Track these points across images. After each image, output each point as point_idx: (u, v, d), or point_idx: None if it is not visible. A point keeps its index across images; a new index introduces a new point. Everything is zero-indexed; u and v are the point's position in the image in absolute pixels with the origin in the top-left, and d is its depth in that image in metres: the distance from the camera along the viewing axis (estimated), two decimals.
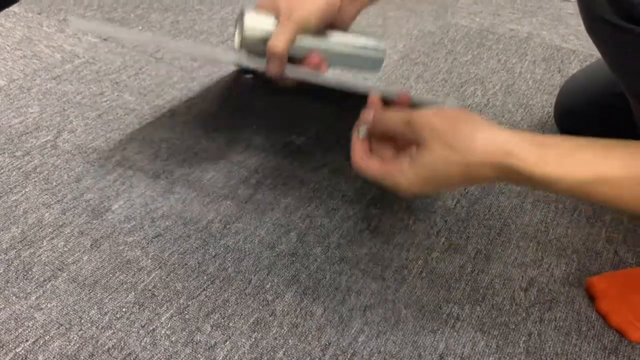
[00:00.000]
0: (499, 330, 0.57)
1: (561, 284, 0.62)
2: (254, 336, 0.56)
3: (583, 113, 0.77)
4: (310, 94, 0.77)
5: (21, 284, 0.61)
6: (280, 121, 0.84)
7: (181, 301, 0.59)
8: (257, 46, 0.58)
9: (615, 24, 0.44)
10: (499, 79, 0.99)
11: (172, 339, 0.56)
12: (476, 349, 0.55)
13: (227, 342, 0.55)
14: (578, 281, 0.63)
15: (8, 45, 1.03)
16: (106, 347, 0.55)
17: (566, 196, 0.49)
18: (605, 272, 0.63)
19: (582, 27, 1.20)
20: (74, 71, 0.97)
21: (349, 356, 0.55)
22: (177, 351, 0.55)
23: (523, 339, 0.57)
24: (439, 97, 0.87)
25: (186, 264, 0.63)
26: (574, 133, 0.80)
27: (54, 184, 0.74)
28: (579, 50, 1.08)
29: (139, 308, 0.58)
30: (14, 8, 1.17)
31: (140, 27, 1.12)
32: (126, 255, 0.64)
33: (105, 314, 0.58)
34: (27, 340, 0.55)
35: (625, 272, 0.63)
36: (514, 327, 0.58)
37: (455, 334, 0.57)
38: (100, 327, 0.57)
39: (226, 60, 0.53)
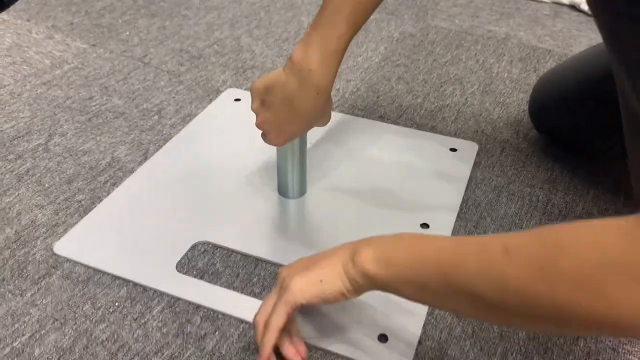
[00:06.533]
0: None
1: None
2: (241, 327, 0.59)
3: (556, 109, 0.80)
4: None
5: (17, 282, 0.63)
6: None
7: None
8: None
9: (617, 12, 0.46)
10: (477, 79, 1.02)
11: (164, 331, 0.58)
12: (453, 335, 0.58)
13: (217, 333, 0.58)
14: None
15: None
16: (100, 339, 0.57)
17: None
18: None
19: (558, 28, 1.24)
20: (63, 77, 0.99)
21: None
22: (168, 342, 0.57)
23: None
24: None
25: None
26: (549, 128, 0.84)
27: (47, 186, 0.76)
28: (554, 51, 1.12)
29: (132, 302, 0.61)
30: (3, 15, 1.19)
31: (128, 33, 1.14)
32: None
33: (99, 308, 0.60)
34: (23, 335, 0.58)
35: None
36: None
37: (433, 320, 0.60)
38: (94, 321, 0.59)
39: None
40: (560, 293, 0.35)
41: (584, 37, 1.17)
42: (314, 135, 0.85)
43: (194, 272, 0.64)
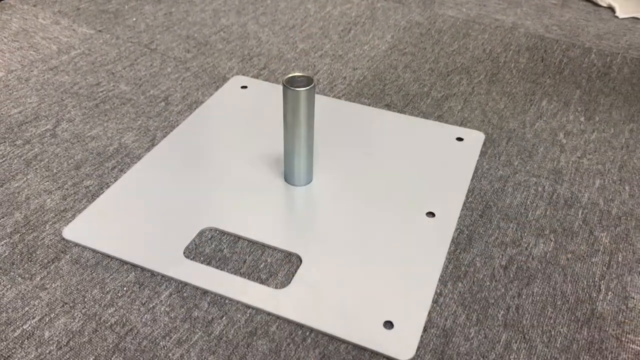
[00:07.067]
0: (480, 304, 0.61)
1: (539, 262, 0.66)
2: (248, 312, 0.59)
3: None
4: None
5: (26, 265, 0.64)
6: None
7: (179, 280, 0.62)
8: None
9: None
10: (484, 68, 1.02)
11: (171, 315, 0.59)
12: (457, 322, 0.59)
13: (224, 318, 0.59)
14: (555, 259, 0.67)
15: (5, 37, 1.06)
16: (109, 323, 0.58)
17: None
18: None
19: (565, 18, 1.23)
20: (70, 62, 1.00)
21: None
22: (176, 326, 0.58)
23: (502, 312, 0.61)
24: None
25: None
26: None
27: (55, 171, 0.77)
28: (561, 40, 1.11)
29: (140, 287, 0.62)
30: (9, 0, 1.19)
31: (134, 19, 1.14)
32: None
33: (107, 292, 0.61)
34: (33, 318, 0.58)
35: None
36: (493, 301, 0.61)
37: (438, 308, 0.60)
38: (102, 305, 0.60)
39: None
40: None
41: (592, 27, 1.16)
42: (321, 122, 0.85)
43: (201, 258, 0.65)
